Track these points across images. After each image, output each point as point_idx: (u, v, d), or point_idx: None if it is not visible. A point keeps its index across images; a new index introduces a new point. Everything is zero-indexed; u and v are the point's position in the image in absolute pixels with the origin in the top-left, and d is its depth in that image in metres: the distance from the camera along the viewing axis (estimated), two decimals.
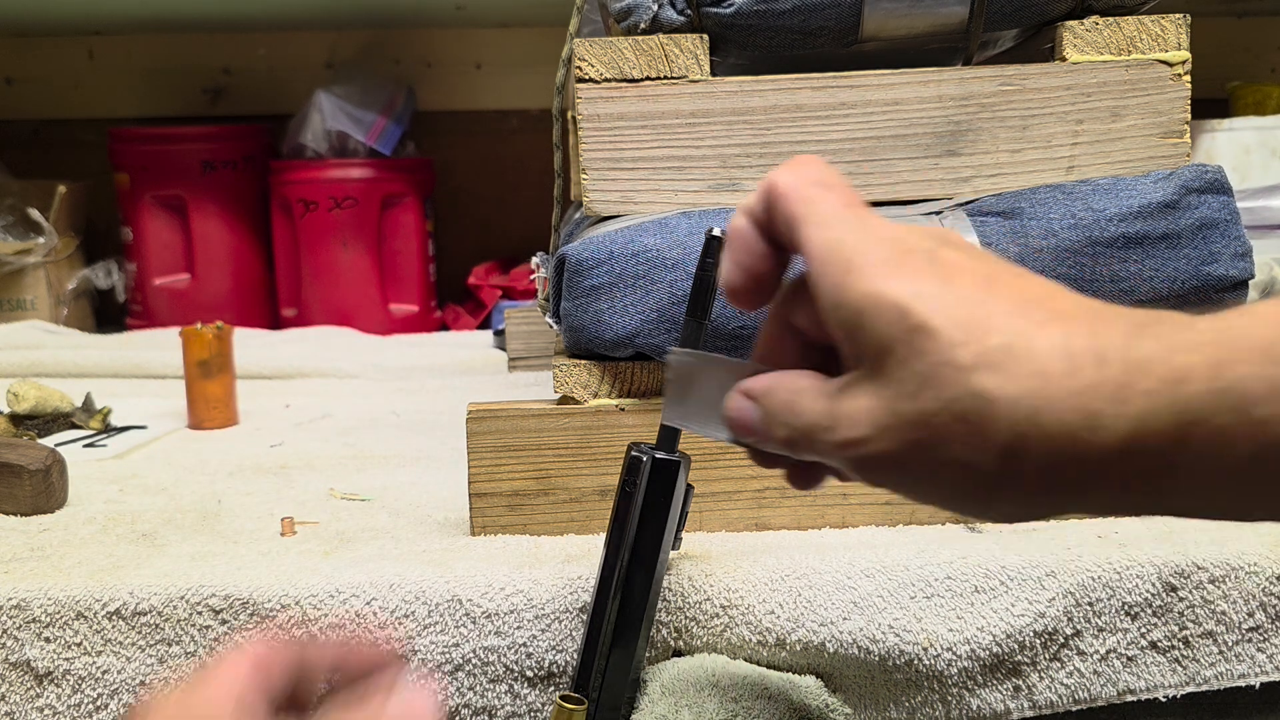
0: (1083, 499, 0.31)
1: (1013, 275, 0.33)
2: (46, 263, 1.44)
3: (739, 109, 0.60)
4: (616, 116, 0.60)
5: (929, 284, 0.31)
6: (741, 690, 0.49)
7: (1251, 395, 0.27)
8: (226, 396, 0.91)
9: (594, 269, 0.57)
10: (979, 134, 0.60)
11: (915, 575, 0.52)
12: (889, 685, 0.52)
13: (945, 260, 0.32)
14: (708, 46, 0.60)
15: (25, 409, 0.87)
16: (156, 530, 0.62)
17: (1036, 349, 0.30)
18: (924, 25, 0.62)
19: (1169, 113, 0.60)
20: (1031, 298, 0.31)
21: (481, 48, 1.66)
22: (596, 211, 0.61)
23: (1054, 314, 0.31)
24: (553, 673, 0.51)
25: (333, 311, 1.46)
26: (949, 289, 0.31)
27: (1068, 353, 0.29)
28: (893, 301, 0.31)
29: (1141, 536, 0.56)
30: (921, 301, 0.31)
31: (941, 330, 0.31)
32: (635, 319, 0.57)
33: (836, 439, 0.33)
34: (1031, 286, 0.32)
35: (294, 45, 1.64)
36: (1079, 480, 0.30)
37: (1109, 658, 0.53)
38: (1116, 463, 0.29)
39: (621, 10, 0.61)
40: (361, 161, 1.46)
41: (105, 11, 1.50)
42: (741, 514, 0.59)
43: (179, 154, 1.47)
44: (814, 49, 0.63)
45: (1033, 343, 0.30)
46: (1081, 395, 0.29)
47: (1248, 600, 0.53)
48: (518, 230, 1.66)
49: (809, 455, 0.35)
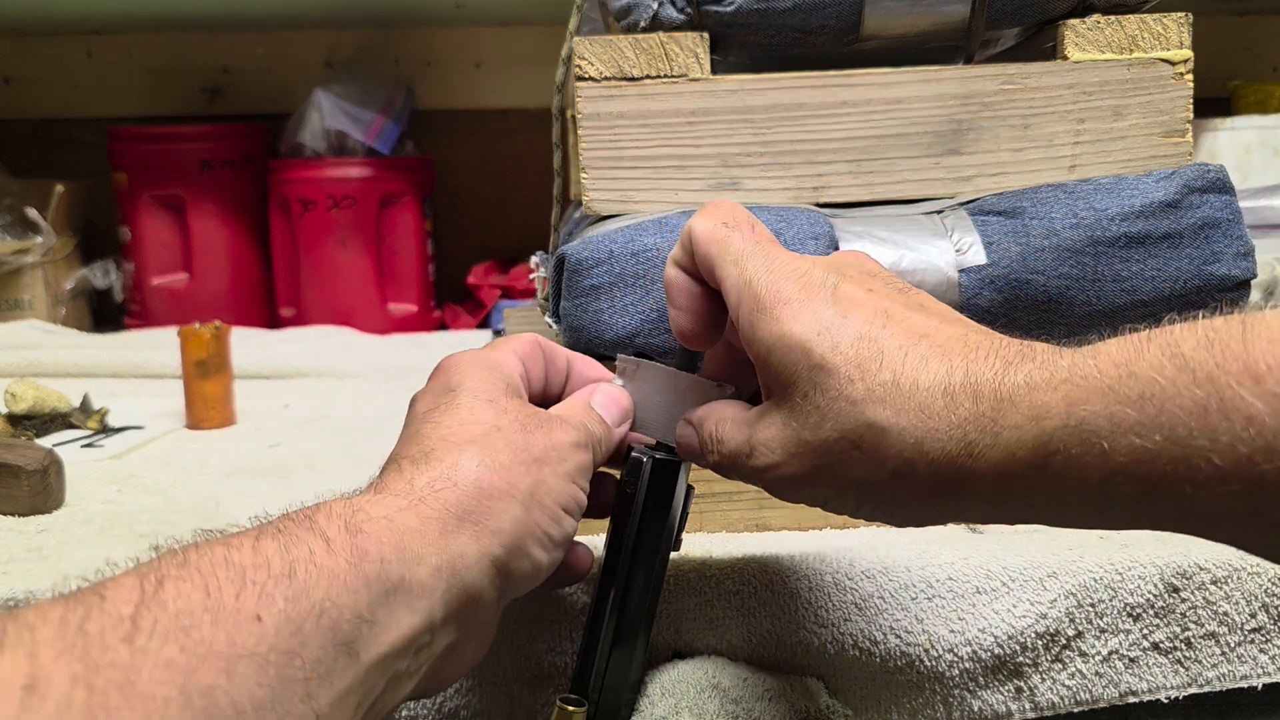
0: (965, 509, 0.36)
1: (904, 309, 0.37)
2: (44, 262, 1.44)
3: (739, 108, 0.60)
4: (616, 115, 0.59)
5: (829, 321, 0.37)
6: (742, 692, 0.49)
7: (1099, 431, 0.30)
8: (224, 396, 0.91)
9: (594, 268, 0.57)
10: (981, 133, 0.60)
11: (916, 576, 0.52)
12: (890, 687, 0.51)
13: (844, 295, 0.37)
14: (708, 45, 0.60)
15: (23, 409, 0.87)
16: (154, 531, 0.61)
17: (920, 384, 0.34)
18: (925, 24, 0.62)
19: (1171, 112, 0.60)
20: (919, 333, 0.36)
21: (481, 47, 1.66)
22: (596, 211, 0.60)
23: (937, 350, 0.35)
24: (551, 674, 0.51)
25: (331, 311, 1.45)
26: (846, 325, 0.36)
27: (947, 389, 0.34)
28: (797, 341, 0.37)
29: (1143, 537, 0.55)
30: (821, 340, 0.36)
31: (838, 368, 0.36)
32: (635, 318, 0.56)
33: (754, 464, 0.39)
34: (919, 321, 0.37)
35: (293, 44, 1.64)
36: (959, 495, 0.35)
37: (1111, 659, 0.52)
38: (991, 482, 0.33)
39: (621, 9, 0.61)
40: (360, 161, 1.46)
41: (104, 11, 1.50)
42: (742, 514, 0.59)
43: (178, 153, 1.47)
44: (815, 47, 0.63)
45: (917, 379, 0.35)
46: (960, 427, 0.33)
47: (1250, 601, 0.53)
48: (517, 230, 1.66)
49: (735, 477, 0.41)
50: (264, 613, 0.29)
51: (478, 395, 0.41)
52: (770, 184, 0.61)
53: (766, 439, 0.38)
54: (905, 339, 0.36)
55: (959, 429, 0.34)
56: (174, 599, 0.28)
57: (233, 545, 0.31)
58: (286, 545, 0.31)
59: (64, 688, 0.25)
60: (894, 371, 0.35)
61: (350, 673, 0.31)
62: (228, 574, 0.29)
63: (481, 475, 0.37)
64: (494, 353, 0.44)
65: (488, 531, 0.36)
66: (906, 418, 0.34)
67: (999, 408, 0.33)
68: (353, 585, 0.31)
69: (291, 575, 0.30)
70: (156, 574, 0.29)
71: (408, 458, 0.38)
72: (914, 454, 0.34)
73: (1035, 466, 0.32)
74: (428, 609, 0.34)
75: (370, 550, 0.33)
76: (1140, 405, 0.29)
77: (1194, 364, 0.29)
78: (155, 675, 0.26)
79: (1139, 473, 0.30)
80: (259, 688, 0.28)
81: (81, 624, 0.27)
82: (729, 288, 0.40)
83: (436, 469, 0.37)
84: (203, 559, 0.30)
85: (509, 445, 0.38)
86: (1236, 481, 0.28)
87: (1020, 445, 0.32)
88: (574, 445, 0.41)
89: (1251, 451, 0.27)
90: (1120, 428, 0.30)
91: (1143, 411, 0.29)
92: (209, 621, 0.28)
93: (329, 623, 0.30)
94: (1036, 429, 0.32)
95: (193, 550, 0.31)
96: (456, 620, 0.35)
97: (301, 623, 0.30)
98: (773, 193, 0.61)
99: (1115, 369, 0.30)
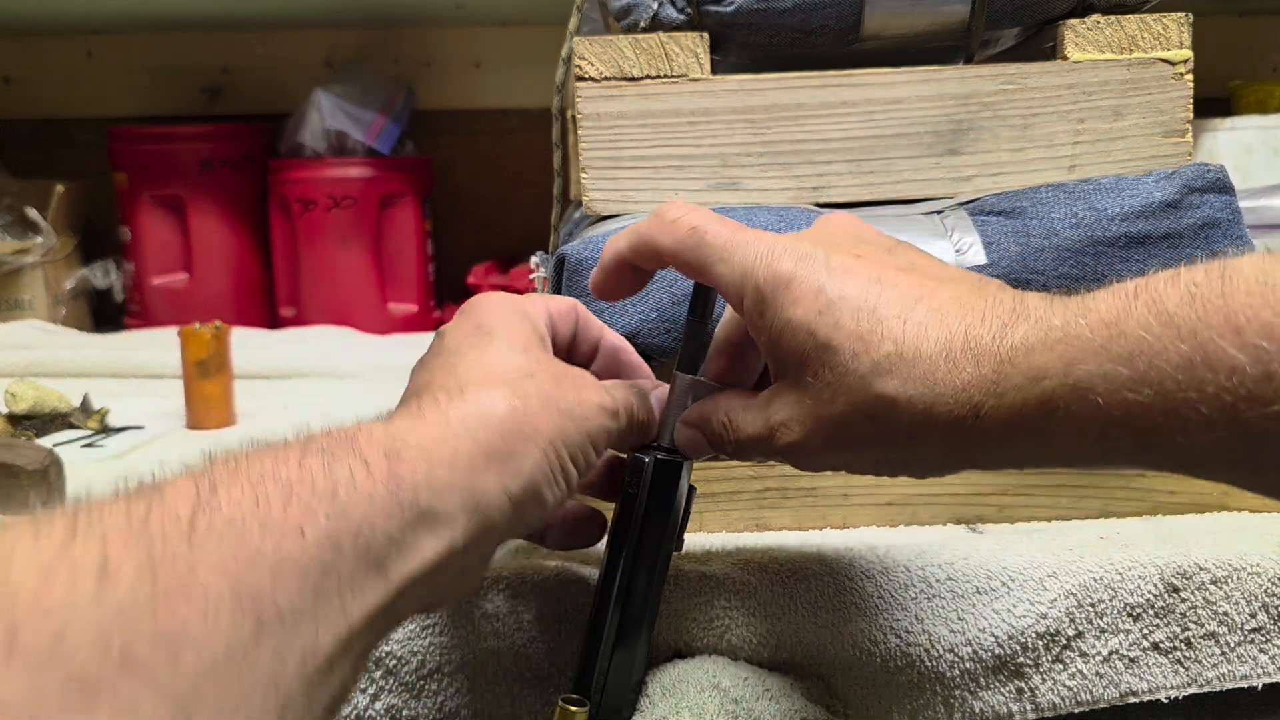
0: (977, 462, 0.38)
1: (895, 272, 0.39)
2: (44, 262, 1.44)
3: (739, 108, 0.60)
4: (616, 115, 0.59)
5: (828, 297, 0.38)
6: (742, 692, 0.49)
7: (1094, 388, 0.32)
8: (224, 396, 0.91)
9: (593, 268, 0.57)
10: (980, 133, 0.60)
11: (916, 576, 0.52)
12: (890, 687, 0.51)
13: (836, 267, 0.39)
14: (708, 45, 0.60)
15: (23, 409, 0.87)
16: None
17: (922, 352, 0.36)
18: (925, 24, 0.62)
19: (1171, 112, 0.60)
20: (914, 297, 0.38)
21: (481, 46, 1.66)
22: (596, 211, 0.60)
23: (934, 314, 0.37)
24: (552, 674, 0.51)
25: (331, 311, 1.45)
26: (843, 300, 0.38)
27: (949, 354, 0.36)
28: (802, 325, 0.38)
29: (1144, 537, 0.56)
30: (823, 320, 0.38)
31: (842, 345, 0.37)
32: (635, 319, 0.56)
33: (776, 445, 0.41)
34: (913, 284, 0.38)
35: (293, 44, 1.64)
36: (971, 450, 0.37)
37: (1111, 659, 0.52)
38: (998, 438, 0.36)
39: (621, 9, 0.61)
40: (360, 160, 1.46)
41: (104, 11, 1.49)
42: (742, 514, 0.59)
43: (177, 153, 1.46)
44: (814, 47, 0.63)
45: (919, 347, 0.36)
46: (964, 390, 0.35)
47: (1250, 601, 0.53)
48: (517, 230, 1.66)
49: (754, 458, 0.44)
50: (307, 527, 0.31)
51: (512, 341, 0.42)
52: (770, 184, 0.61)
53: (784, 419, 0.40)
54: (902, 305, 0.38)
55: (963, 392, 0.36)
56: (226, 504, 0.30)
57: (280, 459, 0.32)
58: (330, 465, 0.33)
59: (131, 575, 0.27)
60: (895, 342, 0.37)
61: (380, 590, 0.33)
62: (275, 486, 0.31)
63: (511, 418, 0.39)
64: (526, 302, 0.46)
65: (509, 471, 0.38)
66: (913, 386, 0.36)
67: (1000, 370, 0.35)
68: (388, 510, 0.33)
69: (334, 495, 0.32)
70: (210, 479, 0.31)
71: (443, 389, 0.40)
72: (924, 419, 0.36)
73: (1038, 422, 0.34)
74: (450, 536, 0.36)
75: (405, 477, 0.34)
76: (1130, 362, 0.31)
77: (1178, 320, 0.30)
78: (210, 573, 0.28)
79: (1134, 425, 0.32)
80: (299, 596, 0.30)
81: (145, 518, 0.29)
82: (726, 284, 0.41)
83: (471, 406, 0.38)
84: (252, 469, 0.32)
85: (539, 392, 0.40)
86: (1224, 429, 0.29)
87: (1023, 404, 0.34)
88: (601, 407, 0.42)
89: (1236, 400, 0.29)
90: (1114, 384, 0.32)
91: (1133, 368, 0.31)
92: (258, 529, 0.30)
93: (364, 543, 0.32)
94: (1037, 389, 0.34)
95: (243, 459, 0.32)
96: (472, 548, 0.37)
97: (340, 540, 0.32)
98: (773, 193, 0.61)
99: (1106, 328, 0.32)
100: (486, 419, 0.38)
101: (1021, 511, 0.60)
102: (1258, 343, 0.28)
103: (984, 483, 0.59)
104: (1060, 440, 0.34)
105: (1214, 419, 0.30)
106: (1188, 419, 0.30)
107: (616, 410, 0.43)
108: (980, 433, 0.36)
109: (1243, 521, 0.58)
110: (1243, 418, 0.29)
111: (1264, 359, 0.28)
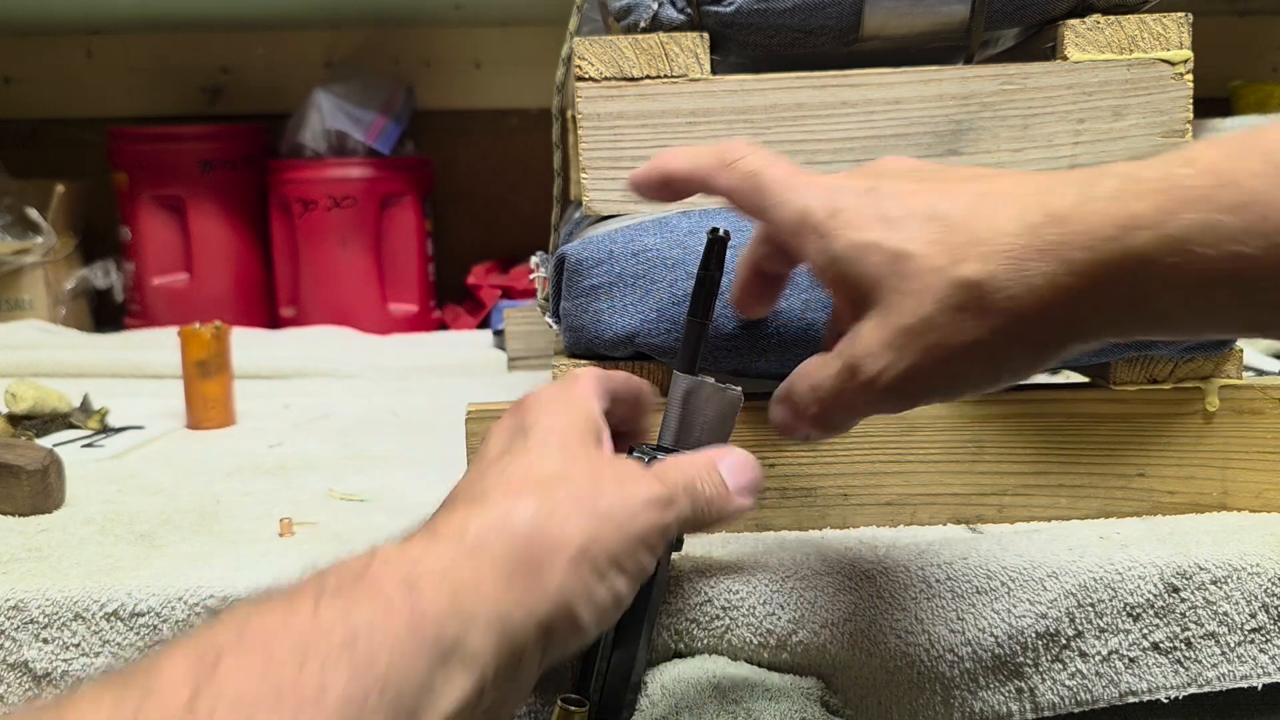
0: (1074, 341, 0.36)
1: (955, 182, 0.38)
2: (44, 262, 1.44)
3: (739, 108, 0.60)
4: (616, 115, 0.59)
5: (892, 217, 0.37)
6: (742, 692, 0.49)
7: (1197, 239, 0.31)
8: (225, 396, 0.91)
9: (594, 268, 0.57)
10: (980, 133, 0.60)
11: (916, 576, 0.52)
12: (891, 687, 0.51)
13: (892, 192, 0.38)
14: (708, 45, 0.60)
15: (23, 409, 0.87)
16: (155, 531, 0.62)
17: (999, 230, 0.35)
18: (925, 24, 0.62)
19: (1171, 112, 0.60)
20: (979, 193, 0.37)
21: (481, 47, 1.66)
22: (596, 211, 0.60)
23: (1004, 198, 0.36)
24: (552, 674, 0.51)
25: (331, 311, 1.45)
26: (908, 215, 0.37)
27: (1029, 226, 0.34)
28: (870, 243, 0.37)
29: (1143, 537, 0.56)
30: (890, 234, 0.37)
31: (914, 249, 0.36)
32: (635, 318, 0.56)
33: (863, 379, 0.38)
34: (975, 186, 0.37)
35: (292, 44, 1.64)
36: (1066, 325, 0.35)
37: (1111, 659, 0.52)
38: (1091, 304, 0.34)
39: (621, 9, 0.61)
40: (360, 161, 1.46)
41: (103, 11, 1.50)
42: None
43: (178, 153, 1.47)
44: (814, 48, 0.63)
45: (994, 226, 0.35)
46: (1051, 253, 0.34)
47: (1250, 601, 0.53)
48: (517, 230, 1.66)
49: (848, 415, 0.41)
50: (328, 689, 0.28)
51: (549, 440, 0.39)
52: None
53: (867, 348, 0.38)
54: (969, 203, 0.36)
55: (1050, 255, 0.34)
56: (232, 679, 0.27)
57: (292, 609, 0.30)
58: (347, 610, 0.30)
59: None
60: (968, 231, 0.35)
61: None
62: (288, 643, 0.28)
63: (534, 525, 0.35)
64: (576, 388, 0.43)
65: (536, 588, 0.34)
66: (995, 263, 0.35)
67: (1087, 225, 0.33)
68: (413, 651, 0.30)
69: (354, 645, 0.29)
70: (214, 648, 0.28)
71: (464, 497, 0.37)
72: (1015, 295, 0.34)
73: (1133, 279, 0.32)
74: (480, 670, 0.32)
75: (429, 611, 0.31)
76: (1241, 213, 0.30)
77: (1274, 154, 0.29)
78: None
79: (1239, 280, 0.30)
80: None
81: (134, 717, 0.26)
82: (785, 218, 0.40)
83: (491, 515, 0.35)
84: (263, 626, 0.29)
85: (571, 495, 0.36)
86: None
87: (1114, 257, 0.32)
88: (648, 502, 0.38)
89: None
90: (1219, 236, 0.30)
91: (1244, 219, 0.30)
92: (270, 703, 0.27)
93: (393, 694, 0.29)
94: (1130, 240, 0.32)
95: (253, 614, 0.29)
96: (504, 679, 0.34)
97: (366, 698, 0.29)
98: None
99: (1214, 177, 0.31)
100: (506, 529, 0.34)
101: (1021, 512, 0.60)
102: None
103: (984, 483, 0.60)
104: (1157, 301, 0.32)
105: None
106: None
107: (672, 498, 0.39)
108: (1072, 300, 0.34)
109: (1242, 521, 0.58)
110: None
111: None
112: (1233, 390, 0.59)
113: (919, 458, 0.59)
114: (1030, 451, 0.59)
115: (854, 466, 0.59)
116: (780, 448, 0.59)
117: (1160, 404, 0.59)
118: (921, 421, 0.59)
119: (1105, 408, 0.59)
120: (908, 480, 0.59)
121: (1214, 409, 0.59)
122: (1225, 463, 0.60)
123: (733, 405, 0.47)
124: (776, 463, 0.59)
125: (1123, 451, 0.59)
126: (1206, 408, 0.59)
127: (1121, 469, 0.60)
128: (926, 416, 0.59)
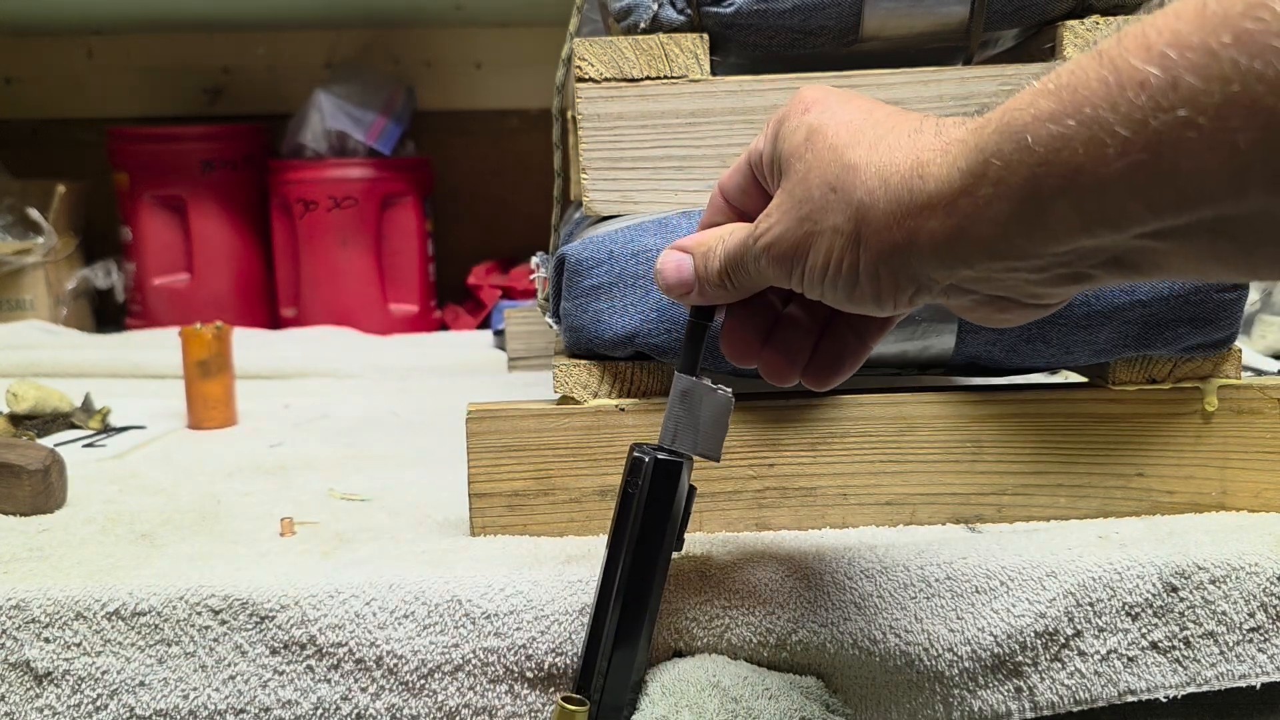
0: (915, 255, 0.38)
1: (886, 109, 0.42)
2: (46, 262, 1.44)
3: (739, 108, 0.60)
4: (616, 116, 0.60)
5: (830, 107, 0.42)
6: (742, 691, 0.49)
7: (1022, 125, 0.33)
8: (226, 397, 0.91)
9: (594, 269, 0.57)
10: None
11: (915, 576, 0.52)
12: (890, 686, 0.51)
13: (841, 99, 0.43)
14: (708, 46, 0.60)
15: (24, 409, 0.87)
16: (155, 530, 0.62)
17: (892, 129, 0.39)
18: (924, 25, 0.62)
19: None
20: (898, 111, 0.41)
21: (481, 47, 1.66)
22: (596, 211, 0.61)
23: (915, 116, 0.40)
24: (553, 674, 0.51)
25: (332, 311, 1.46)
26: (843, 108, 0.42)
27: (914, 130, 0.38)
28: (799, 122, 0.42)
29: (1142, 537, 0.56)
30: (818, 116, 0.42)
31: (828, 127, 0.41)
32: (635, 319, 0.57)
33: (761, 243, 0.42)
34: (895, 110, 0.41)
35: (293, 45, 1.64)
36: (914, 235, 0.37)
37: (1110, 658, 0.53)
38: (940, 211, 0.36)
39: (621, 10, 0.61)
40: (361, 161, 1.46)
41: (104, 11, 1.50)
42: (742, 514, 0.59)
43: (178, 154, 1.47)
44: (814, 48, 0.63)
45: (892, 127, 0.39)
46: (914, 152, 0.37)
47: (1248, 600, 0.53)
48: (518, 230, 1.66)
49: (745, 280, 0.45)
50: None
51: None
52: None
53: (768, 213, 0.43)
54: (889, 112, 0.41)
55: (913, 153, 0.37)
56: None
57: None
58: None
59: None
60: (876, 125, 0.40)
61: None
62: None
63: None
64: None
65: None
66: (875, 154, 0.39)
67: (953, 131, 0.37)
68: None
69: None
70: None
71: None
72: (875, 183, 0.38)
73: (976, 176, 0.35)
74: None
75: None
76: (1058, 95, 0.32)
77: (1103, 50, 0.32)
78: None
79: (1056, 161, 0.32)
80: None
81: None
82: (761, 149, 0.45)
83: None
84: None
85: None
86: (1138, 150, 0.30)
87: (963, 156, 0.35)
88: None
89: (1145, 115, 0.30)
90: (1040, 117, 0.32)
91: (1059, 100, 0.32)
92: None
93: None
94: (977, 138, 0.35)
95: None
96: None
97: None
98: None
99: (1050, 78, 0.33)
100: None
101: (1020, 511, 0.60)
102: (1164, 50, 0.29)
103: (983, 482, 0.60)
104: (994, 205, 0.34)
105: (1129, 140, 0.30)
106: (1104, 145, 0.31)
107: None
108: (922, 199, 0.36)
109: (1241, 521, 0.58)
110: (1152, 130, 0.30)
111: (1170, 67, 0.29)
112: (1232, 390, 0.59)
113: (918, 457, 0.59)
114: (1029, 451, 0.59)
115: (854, 466, 0.59)
116: (780, 448, 0.59)
117: (1159, 404, 0.59)
118: (921, 421, 0.59)
119: (1104, 407, 0.59)
120: (907, 480, 0.59)
121: (1213, 409, 0.59)
122: (1224, 462, 0.60)
123: (724, 406, 0.47)
124: (776, 463, 0.59)
125: (1122, 451, 0.60)
126: (1205, 408, 0.59)
127: (1120, 469, 0.60)
128: (926, 416, 0.59)
